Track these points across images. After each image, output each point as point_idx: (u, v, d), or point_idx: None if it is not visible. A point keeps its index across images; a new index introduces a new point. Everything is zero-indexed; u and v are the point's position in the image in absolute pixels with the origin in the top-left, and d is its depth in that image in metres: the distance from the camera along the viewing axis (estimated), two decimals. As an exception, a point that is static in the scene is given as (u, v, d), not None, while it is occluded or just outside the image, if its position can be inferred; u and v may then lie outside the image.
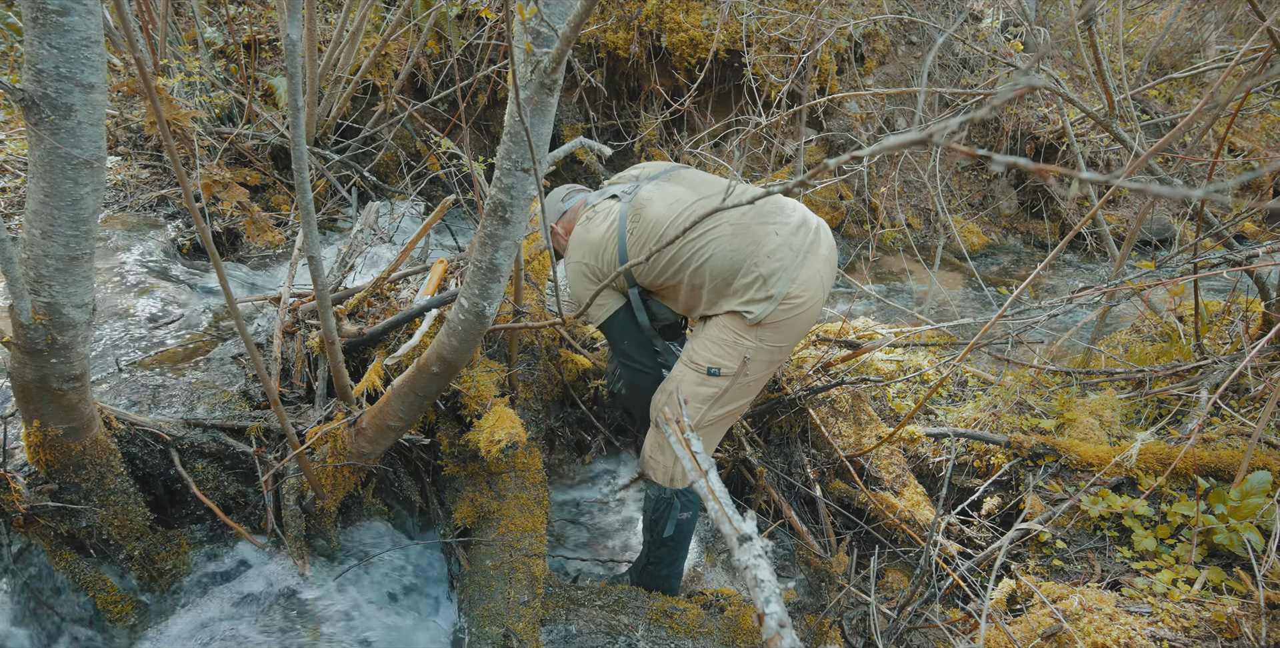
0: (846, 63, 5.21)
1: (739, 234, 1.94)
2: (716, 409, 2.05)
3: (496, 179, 1.56)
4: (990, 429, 2.74)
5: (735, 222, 1.95)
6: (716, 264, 1.95)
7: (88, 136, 1.42)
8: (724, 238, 1.94)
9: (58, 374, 1.59)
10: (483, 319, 1.72)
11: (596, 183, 5.71)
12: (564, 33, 1.32)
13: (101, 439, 1.76)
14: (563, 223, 2.27)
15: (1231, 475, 2.37)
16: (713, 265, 1.95)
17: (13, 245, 1.45)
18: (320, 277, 1.65)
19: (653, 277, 2.06)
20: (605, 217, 2.08)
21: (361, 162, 4.24)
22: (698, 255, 1.96)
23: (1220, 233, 2.85)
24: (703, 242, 1.95)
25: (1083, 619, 2.02)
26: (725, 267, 1.94)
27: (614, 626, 2.21)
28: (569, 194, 2.31)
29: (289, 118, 1.42)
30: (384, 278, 2.26)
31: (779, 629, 1.01)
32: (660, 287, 2.10)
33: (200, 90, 3.48)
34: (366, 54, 3.94)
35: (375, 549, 2.18)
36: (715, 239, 1.94)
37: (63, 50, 1.34)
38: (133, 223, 2.94)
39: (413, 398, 1.89)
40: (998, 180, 5.59)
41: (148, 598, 1.90)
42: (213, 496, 2.00)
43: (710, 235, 1.95)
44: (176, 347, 2.27)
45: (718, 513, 1.12)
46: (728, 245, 1.93)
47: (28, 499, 1.68)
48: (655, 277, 2.06)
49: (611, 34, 4.94)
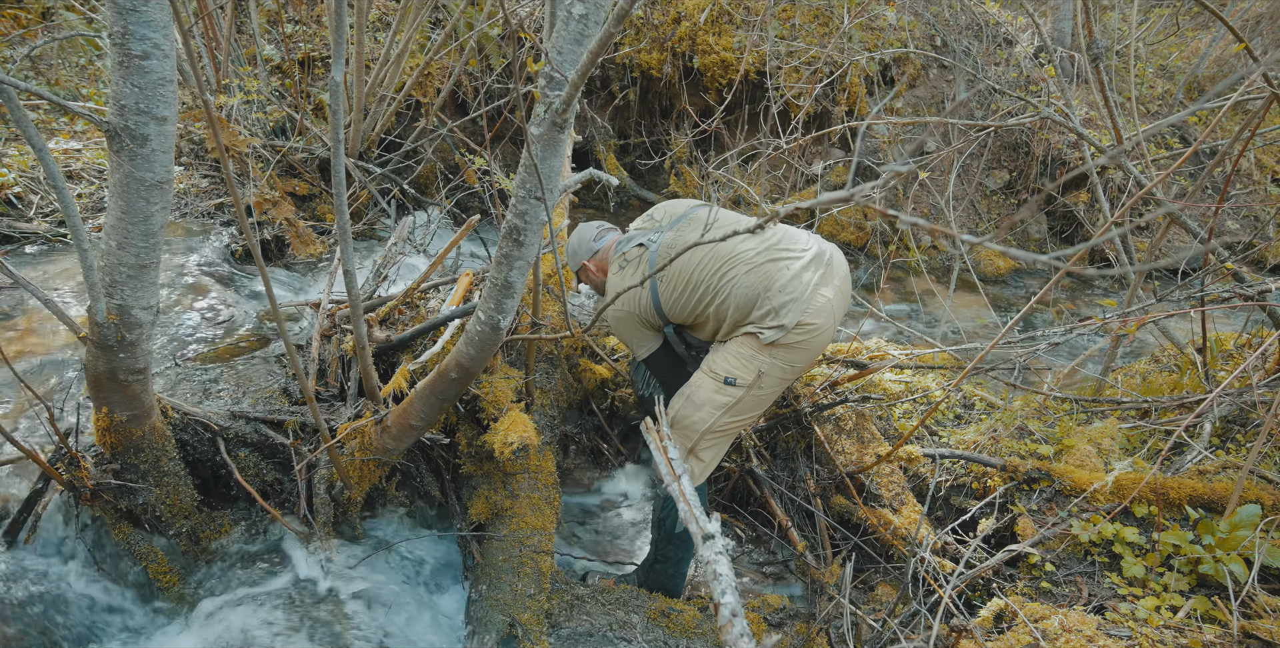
0: (877, 85, 5.30)
1: (753, 272, 2.13)
2: (728, 417, 2.21)
3: (512, 206, 1.73)
4: (989, 453, 2.81)
5: (750, 261, 2.14)
6: (736, 301, 2.15)
7: (159, 162, 1.63)
8: (740, 277, 2.13)
9: (125, 367, 1.80)
10: (498, 331, 1.89)
11: (628, 196, 5.88)
12: (572, 80, 1.49)
13: (159, 426, 1.98)
14: (595, 261, 2.48)
15: (1225, 507, 2.41)
16: (733, 302, 2.15)
17: (93, 254, 1.67)
18: (353, 288, 1.84)
19: (683, 316, 2.28)
20: (636, 266, 2.29)
21: (402, 175, 4.48)
22: (719, 294, 2.16)
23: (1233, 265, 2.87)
24: (722, 282, 2.15)
25: (1060, 639, 2.09)
26: (743, 302, 2.14)
27: (614, 623, 2.35)
28: (600, 234, 2.52)
29: (331, 147, 1.61)
30: (414, 288, 2.45)
31: (731, 618, 1.14)
32: (693, 323, 2.31)
33: (257, 107, 3.75)
34: (410, 73, 4.18)
35: (396, 538, 2.36)
36: (733, 279, 2.14)
37: (142, 89, 1.55)
38: (193, 229, 3.20)
39: (433, 401, 2.06)
40: (1027, 204, 5.60)
41: (193, 570, 2.11)
42: (253, 482, 2.20)
43: (729, 276, 2.15)
44: (226, 345, 2.49)
45: (686, 514, 1.26)
46: (744, 283, 2.12)
47: (94, 476, 1.89)
48: (685, 316, 2.28)
49: (645, 54, 5.12)
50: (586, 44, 1.57)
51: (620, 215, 5.76)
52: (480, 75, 4.80)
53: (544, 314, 2.88)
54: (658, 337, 2.40)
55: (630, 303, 2.30)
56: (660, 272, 2.18)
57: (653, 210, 2.45)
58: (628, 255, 2.32)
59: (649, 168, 5.64)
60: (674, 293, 2.23)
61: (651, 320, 2.33)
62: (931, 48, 5.30)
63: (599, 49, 1.43)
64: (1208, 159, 5.66)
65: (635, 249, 2.31)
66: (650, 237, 2.30)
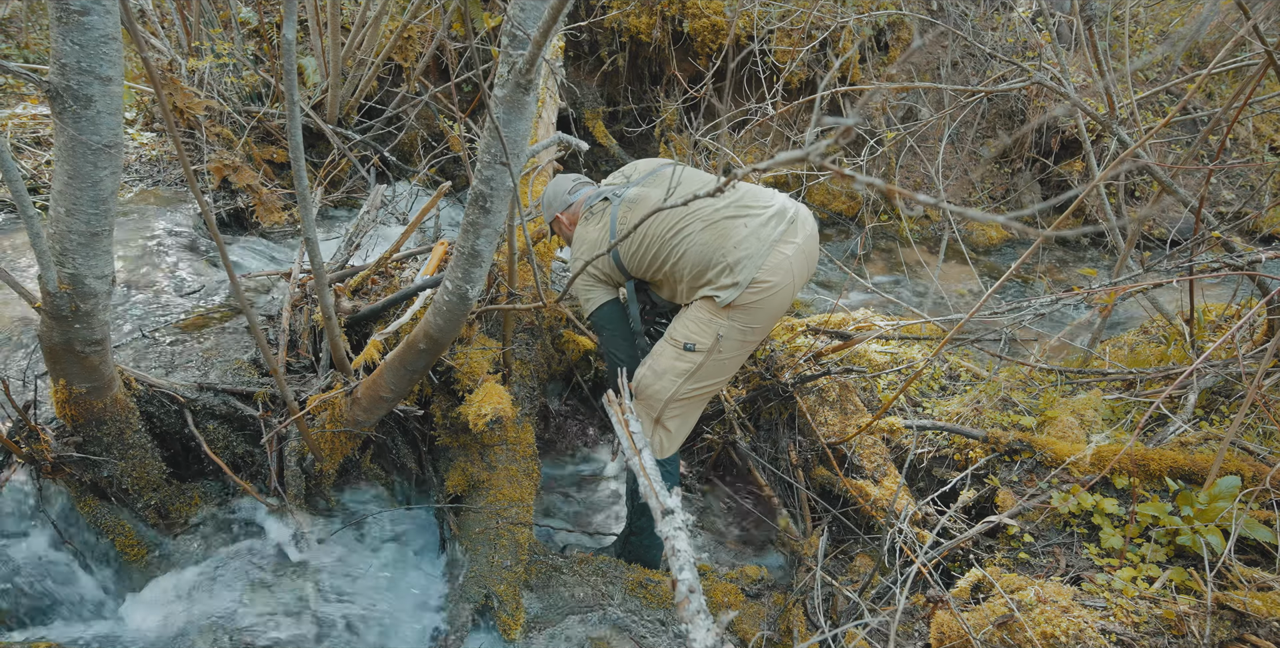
0: (870, 51, 5.17)
1: (709, 229, 2.08)
2: (691, 383, 2.19)
3: (478, 171, 1.67)
4: (972, 424, 2.79)
5: (707, 218, 2.09)
6: (691, 258, 2.10)
7: (106, 125, 1.56)
8: (695, 234, 2.08)
9: (81, 338, 1.75)
10: (465, 301, 1.84)
11: (617, 164, 5.78)
12: (535, 38, 1.42)
13: (121, 398, 1.94)
14: (568, 214, 2.43)
15: (1205, 479, 2.40)
16: (689, 259, 2.11)
17: (40, 221, 1.61)
18: (316, 257, 1.78)
19: (642, 271, 2.25)
20: (600, 217, 2.26)
21: (384, 141, 4.38)
22: (675, 251, 2.12)
23: (1222, 234, 2.82)
24: (678, 239, 2.11)
25: (1035, 610, 2.09)
26: (698, 260, 2.09)
27: (592, 594, 2.35)
28: (575, 187, 2.46)
29: (287, 110, 1.54)
30: (386, 258, 2.39)
31: (689, 594, 1.12)
32: (652, 279, 2.28)
33: (231, 71, 3.64)
34: (390, 37, 4.05)
35: (370, 511, 2.35)
36: (689, 236, 2.09)
37: (84, 46, 1.47)
38: (165, 197, 3.12)
39: (403, 372, 2.03)
40: (1021, 174, 5.51)
41: (161, 543, 2.09)
42: (222, 454, 2.18)
43: (685, 233, 2.10)
44: (196, 316, 2.44)
45: (646, 489, 1.23)
46: (699, 240, 2.08)
47: (55, 450, 1.86)
48: (644, 271, 2.24)
49: (634, 19, 4.97)
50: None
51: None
52: (465, 39, 4.66)
53: (524, 284, 2.83)
54: (610, 292, 2.38)
55: (588, 252, 2.27)
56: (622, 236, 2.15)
57: (627, 166, 2.42)
58: (594, 208, 2.30)
59: (638, 135, 5.53)
60: (631, 249, 2.20)
61: (613, 274, 2.31)
62: (927, 11, 5.16)
63: (560, 3, 1.35)
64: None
65: (600, 203, 2.29)
66: (617, 190, 2.28)
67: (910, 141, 4.27)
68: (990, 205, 5.54)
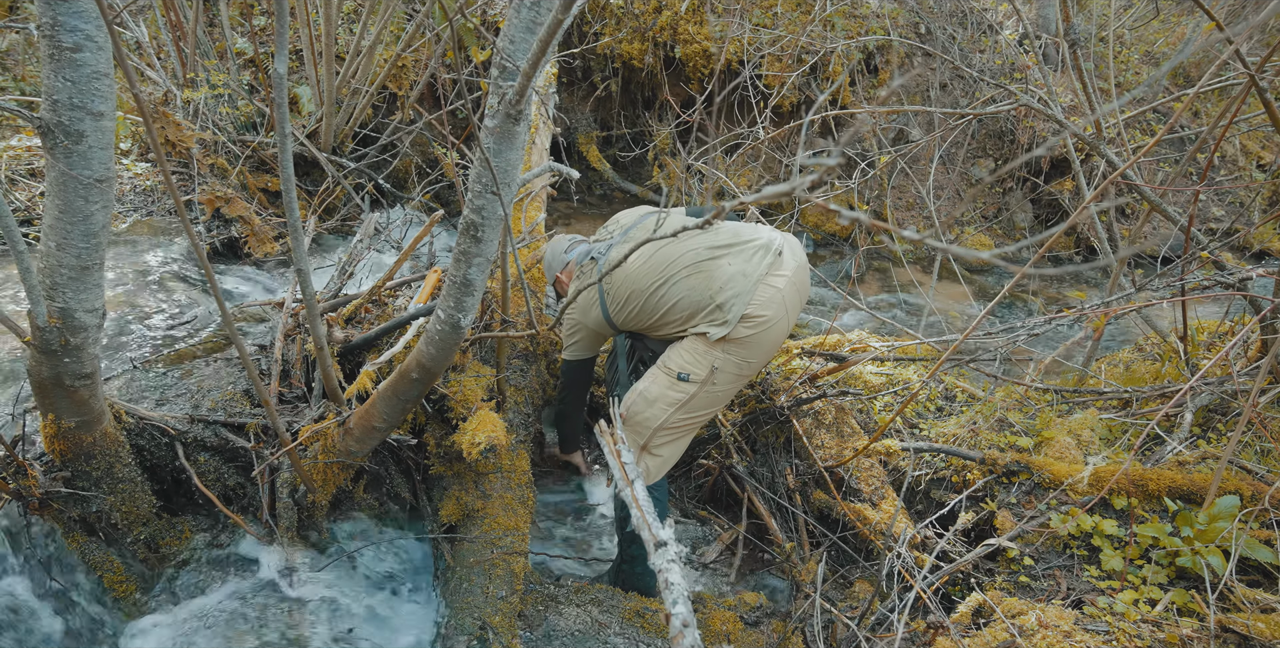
0: (860, 74, 5.24)
1: (694, 274, 2.10)
2: (682, 414, 2.17)
3: (469, 201, 1.67)
4: (969, 445, 2.78)
5: (690, 263, 2.11)
6: (681, 306, 2.13)
7: (97, 159, 1.56)
8: (681, 281, 2.11)
9: (70, 372, 1.74)
10: (458, 330, 1.84)
11: (611, 187, 5.82)
12: (524, 69, 1.43)
13: (111, 432, 1.92)
14: (565, 273, 2.53)
15: (1204, 498, 2.38)
16: (679, 307, 2.13)
17: (30, 256, 1.61)
18: (308, 287, 1.78)
19: (633, 325, 2.28)
20: (588, 278, 2.32)
21: (379, 169, 4.40)
22: (663, 302, 2.14)
23: (1211, 252, 2.83)
24: (664, 290, 2.13)
25: (1037, 635, 2.06)
26: (687, 305, 2.12)
27: (589, 623, 2.31)
28: (571, 246, 2.56)
29: (278, 140, 1.55)
30: (379, 286, 2.39)
31: (682, 629, 1.10)
32: (645, 330, 2.31)
33: (227, 101, 3.67)
34: (384, 66, 4.10)
35: (364, 542, 2.32)
36: (676, 284, 2.11)
37: (75, 83, 1.49)
38: (158, 227, 3.13)
39: (395, 401, 2.01)
40: (1012, 193, 5.56)
41: (151, 578, 2.06)
42: (213, 487, 2.15)
43: (671, 281, 2.12)
44: (188, 346, 2.43)
45: (639, 520, 1.22)
46: (685, 287, 2.10)
47: (43, 485, 1.84)
48: (635, 325, 2.28)
49: (627, 45, 5.04)
50: (539, 32, 1.51)
51: (603, 207, 5.69)
52: (460, 68, 4.72)
53: (518, 311, 2.82)
54: (590, 348, 2.45)
55: (580, 313, 2.34)
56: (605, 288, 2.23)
57: (611, 220, 2.49)
58: (584, 267, 2.37)
59: (631, 159, 5.58)
60: (617, 305, 2.24)
61: (602, 330, 2.35)
62: (915, 35, 5.24)
63: (549, 36, 1.37)
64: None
65: (590, 262, 2.35)
66: (600, 249, 2.34)
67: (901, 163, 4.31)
68: (983, 225, 5.58)
